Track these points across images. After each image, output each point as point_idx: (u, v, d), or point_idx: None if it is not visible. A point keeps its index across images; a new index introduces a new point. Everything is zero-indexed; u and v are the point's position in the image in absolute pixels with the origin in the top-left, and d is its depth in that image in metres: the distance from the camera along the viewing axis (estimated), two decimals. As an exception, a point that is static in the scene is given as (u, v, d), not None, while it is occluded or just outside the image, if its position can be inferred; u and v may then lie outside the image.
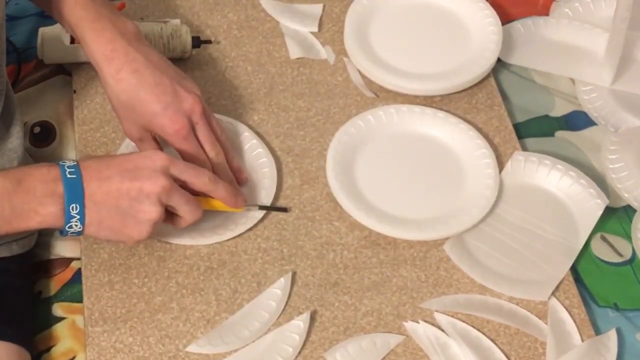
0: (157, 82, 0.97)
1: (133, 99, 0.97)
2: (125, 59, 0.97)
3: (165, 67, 0.99)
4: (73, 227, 0.88)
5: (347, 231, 1.05)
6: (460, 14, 1.26)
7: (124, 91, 0.97)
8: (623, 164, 1.14)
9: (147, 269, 1.00)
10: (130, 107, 0.98)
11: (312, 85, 1.19)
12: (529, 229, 1.07)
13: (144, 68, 0.97)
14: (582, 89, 1.23)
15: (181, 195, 0.92)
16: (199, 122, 0.99)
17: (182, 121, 0.97)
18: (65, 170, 0.87)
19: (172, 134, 0.98)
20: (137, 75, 0.97)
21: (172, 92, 0.98)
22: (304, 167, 1.11)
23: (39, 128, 1.14)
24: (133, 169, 0.89)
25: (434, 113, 1.14)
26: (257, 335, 0.96)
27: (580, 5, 1.31)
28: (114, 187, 0.88)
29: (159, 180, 0.89)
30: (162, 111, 0.97)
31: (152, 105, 0.97)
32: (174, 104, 0.97)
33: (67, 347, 0.98)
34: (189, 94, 0.98)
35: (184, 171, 0.92)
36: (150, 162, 0.90)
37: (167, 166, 0.91)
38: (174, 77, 0.99)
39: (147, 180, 0.89)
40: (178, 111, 0.97)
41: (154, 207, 0.89)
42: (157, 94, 0.97)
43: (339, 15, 1.27)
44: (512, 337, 0.98)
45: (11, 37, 1.23)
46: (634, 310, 1.03)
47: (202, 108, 0.99)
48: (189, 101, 0.98)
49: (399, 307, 1.00)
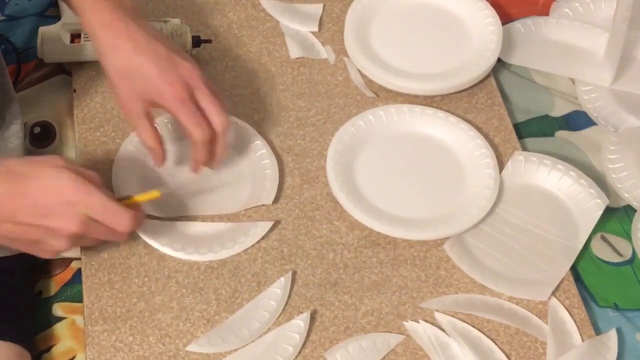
0: (153, 49, 0.96)
1: (130, 65, 0.96)
2: (123, 27, 0.96)
3: (162, 38, 0.99)
4: None
5: (347, 231, 1.05)
6: (460, 14, 1.26)
7: (121, 58, 0.96)
8: (623, 164, 1.14)
9: (147, 269, 1.00)
10: (127, 74, 0.97)
11: (312, 85, 1.19)
12: (529, 229, 1.07)
13: (140, 37, 0.96)
14: (582, 89, 1.23)
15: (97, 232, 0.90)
16: (199, 87, 0.97)
17: (178, 83, 0.96)
18: None
19: (170, 98, 0.96)
20: (133, 43, 0.96)
21: (168, 58, 0.97)
22: (304, 167, 1.11)
23: (38, 128, 1.14)
24: (45, 206, 0.86)
25: (434, 113, 1.14)
26: (257, 334, 0.96)
27: (580, 5, 1.31)
28: (25, 222, 0.86)
29: (71, 225, 0.87)
30: (159, 74, 0.96)
31: (149, 69, 0.96)
32: (170, 68, 0.96)
33: (67, 346, 0.98)
34: (186, 62, 0.98)
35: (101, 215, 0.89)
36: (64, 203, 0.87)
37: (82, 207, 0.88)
38: (171, 47, 0.98)
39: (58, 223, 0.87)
40: (174, 75, 0.96)
41: (61, 244, 0.89)
42: (153, 59, 0.96)
43: (339, 15, 1.27)
44: (512, 337, 0.98)
45: (11, 37, 1.23)
46: (634, 310, 1.03)
47: (200, 74, 0.98)
48: (185, 66, 0.97)
49: (399, 306, 1.00)
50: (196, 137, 0.97)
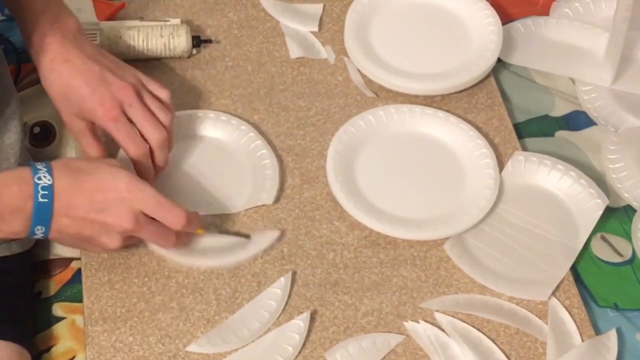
0: (86, 70, 0.99)
1: (64, 86, 0.99)
2: (58, 50, 0.99)
3: (98, 57, 1.01)
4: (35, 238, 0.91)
5: (347, 231, 1.05)
6: (460, 14, 1.26)
7: (56, 80, 0.99)
8: (623, 164, 1.14)
9: (147, 269, 1.00)
10: (63, 95, 1.00)
11: (312, 84, 1.19)
12: (529, 229, 1.07)
13: (74, 58, 0.99)
14: (582, 89, 1.23)
15: (147, 232, 0.93)
16: (132, 103, 0.99)
17: (110, 102, 0.98)
18: (38, 191, 0.87)
19: (102, 116, 0.98)
20: (68, 65, 0.99)
21: (100, 78, 0.99)
22: (304, 167, 1.11)
23: (38, 128, 1.14)
24: (102, 201, 0.90)
25: (434, 113, 1.14)
26: (257, 334, 0.96)
27: (580, 5, 1.31)
28: (79, 216, 0.90)
29: (125, 221, 0.91)
30: (91, 94, 0.98)
31: (81, 90, 0.98)
32: (101, 87, 0.98)
33: (67, 346, 0.98)
34: (118, 79, 0.99)
35: (156, 211, 0.93)
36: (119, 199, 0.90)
37: (138, 204, 0.91)
38: (106, 66, 1.00)
39: (112, 217, 0.90)
40: (106, 93, 0.98)
41: (112, 241, 0.92)
42: (85, 79, 0.98)
43: (339, 15, 1.27)
44: (512, 337, 0.98)
45: (11, 37, 1.23)
46: (634, 310, 1.03)
47: (133, 91, 0.99)
48: (117, 85, 0.99)
49: (399, 306, 1.00)
50: (131, 154, 0.99)
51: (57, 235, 0.91)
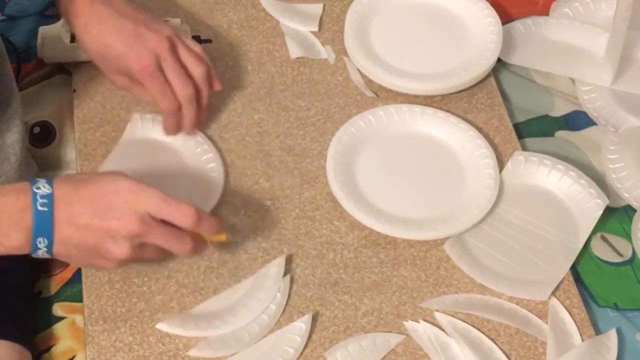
0: (120, 28, 1.02)
1: (101, 47, 1.02)
2: (90, 11, 1.01)
3: (131, 13, 1.03)
4: (40, 254, 0.86)
5: (347, 231, 1.05)
6: (460, 14, 1.26)
7: (92, 41, 1.02)
8: (623, 164, 1.14)
9: (147, 268, 1.00)
10: (102, 55, 1.03)
11: (312, 84, 1.19)
12: (529, 229, 1.07)
13: (107, 17, 1.01)
14: (582, 89, 1.23)
15: (157, 235, 0.88)
16: (167, 58, 1.02)
17: (147, 59, 1.01)
18: (36, 200, 0.84)
19: (139, 72, 1.02)
20: (101, 25, 1.01)
21: (135, 34, 1.02)
22: (304, 167, 1.11)
23: (38, 128, 1.14)
24: (104, 206, 0.86)
25: (434, 113, 1.14)
26: (257, 337, 0.96)
27: (580, 5, 1.31)
28: (82, 224, 0.85)
29: (129, 223, 0.86)
30: (127, 52, 1.01)
31: (117, 49, 1.02)
32: (137, 44, 1.01)
33: (67, 346, 0.98)
34: (154, 34, 1.02)
35: (161, 211, 0.88)
36: (122, 201, 0.86)
37: (142, 206, 0.87)
38: (140, 21, 1.03)
39: (116, 221, 0.86)
40: (142, 50, 1.01)
41: (121, 249, 0.86)
42: (120, 38, 1.02)
43: (339, 15, 1.27)
44: (512, 337, 0.98)
45: (11, 37, 1.23)
46: (634, 310, 1.03)
47: (168, 44, 1.03)
48: (153, 40, 1.02)
49: (399, 306, 1.00)
50: (162, 106, 1.04)
51: (62, 248, 0.86)
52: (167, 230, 0.88)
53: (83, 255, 0.87)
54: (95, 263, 0.89)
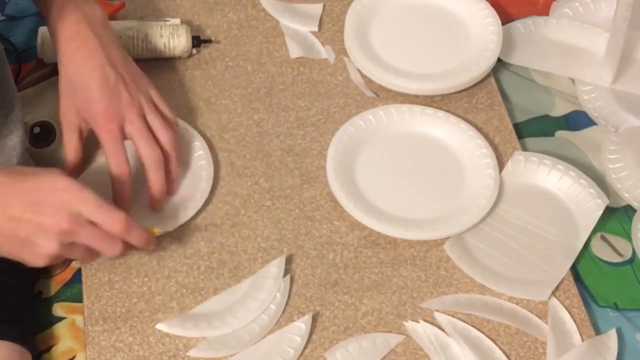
0: (104, 74, 0.99)
1: (78, 81, 0.99)
2: (84, 42, 0.99)
3: (118, 62, 1.01)
4: None
5: (347, 231, 1.05)
6: (460, 14, 1.26)
7: (73, 72, 0.99)
8: (623, 164, 1.14)
9: (147, 269, 1.00)
10: (75, 86, 1.00)
11: (312, 84, 1.19)
12: (529, 229, 1.07)
13: (98, 56, 0.99)
14: (582, 89, 1.23)
15: (88, 235, 0.88)
16: (134, 121, 0.99)
17: (112, 115, 0.98)
18: None
19: (99, 123, 0.98)
20: (89, 62, 0.99)
21: (113, 88, 0.99)
22: (304, 167, 1.11)
23: (38, 128, 1.14)
24: (38, 200, 0.86)
25: (434, 113, 1.14)
26: (257, 338, 0.96)
27: (580, 5, 1.31)
28: (15, 215, 0.85)
29: (61, 220, 0.86)
30: (99, 100, 0.98)
31: (92, 92, 0.99)
32: (112, 96, 0.99)
33: (67, 346, 0.98)
34: (128, 94, 1.00)
35: (94, 213, 0.88)
36: (57, 197, 0.86)
37: (75, 205, 0.87)
38: (121, 75, 1.00)
39: (48, 217, 0.86)
40: (112, 104, 0.99)
41: (51, 244, 0.86)
42: (100, 84, 0.99)
43: (339, 15, 1.27)
44: (512, 337, 0.98)
45: (11, 37, 1.23)
46: (634, 310, 1.03)
47: (138, 110, 1.00)
48: (126, 99, 0.99)
49: (399, 306, 1.00)
50: (112, 168, 0.99)
51: None
52: (97, 232, 0.89)
53: (11, 246, 0.88)
54: (23, 256, 0.89)
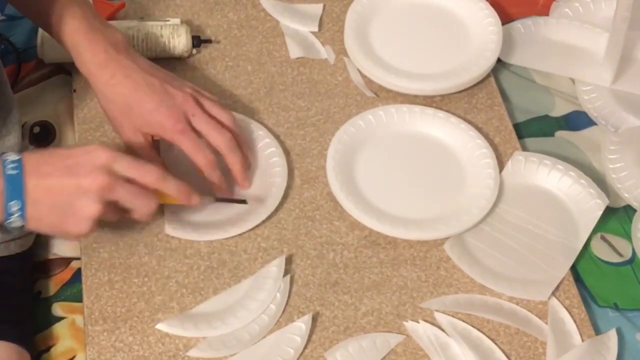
0: (148, 84, 1.00)
1: (128, 101, 1.00)
2: (117, 65, 1.00)
3: (154, 71, 1.03)
4: (13, 222, 0.87)
5: (347, 231, 1.05)
6: (460, 14, 1.26)
7: (119, 95, 1.00)
8: (623, 164, 1.14)
9: (147, 269, 1.00)
10: (126, 109, 1.01)
11: (312, 85, 1.19)
12: (529, 229, 1.07)
13: (135, 73, 1.01)
14: (582, 89, 1.23)
15: (125, 191, 0.90)
16: (195, 113, 1.01)
17: (176, 115, 1.00)
18: (6, 165, 0.86)
19: (170, 130, 1.00)
20: (129, 80, 1.00)
21: (163, 91, 1.01)
22: (304, 167, 1.11)
23: (38, 128, 1.14)
24: (73, 165, 0.88)
25: (434, 113, 1.14)
26: (257, 338, 0.96)
27: (580, 5, 1.31)
28: (53, 183, 0.87)
29: (98, 177, 0.87)
30: (156, 108, 1.00)
31: (146, 105, 1.00)
32: (166, 100, 1.00)
33: (67, 346, 0.98)
34: (179, 91, 1.01)
35: (129, 168, 0.90)
36: (90, 158, 0.88)
37: (109, 162, 0.89)
38: (163, 79, 1.02)
39: (86, 177, 0.87)
40: (171, 107, 1.00)
41: (93, 204, 0.87)
42: (149, 93, 1.00)
43: (339, 15, 1.27)
44: (512, 337, 0.98)
45: (11, 37, 1.23)
46: (634, 310, 1.03)
47: (194, 101, 1.02)
48: (179, 97, 1.01)
49: (399, 306, 1.00)
50: (200, 164, 1.01)
51: (35, 210, 0.87)
52: (133, 187, 0.90)
53: (55, 216, 0.88)
54: (66, 225, 0.89)
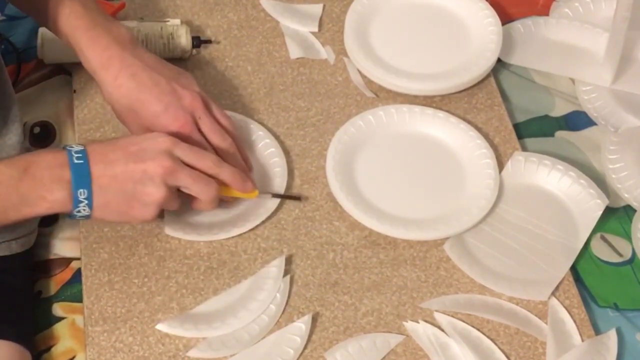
0: (154, 83, 0.99)
1: (134, 102, 0.99)
2: (121, 64, 0.98)
3: (160, 68, 1.01)
4: (81, 211, 0.90)
5: (347, 231, 1.05)
6: (460, 14, 1.26)
7: (124, 96, 0.99)
8: (623, 164, 1.14)
9: (147, 269, 1.00)
10: (132, 110, 0.99)
11: (312, 85, 1.19)
12: (529, 229, 1.07)
13: (140, 71, 0.99)
14: (582, 89, 1.23)
15: (188, 174, 0.93)
16: (202, 115, 1.01)
17: (184, 118, 0.99)
18: (72, 155, 0.89)
19: (176, 132, 0.99)
20: (135, 79, 0.99)
21: (171, 92, 0.99)
22: (304, 167, 1.11)
23: (38, 128, 1.14)
24: (137, 151, 0.91)
25: (434, 113, 1.14)
26: (257, 338, 0.96)
27: (580, 5, 1.31)
28: (119, 170, 0.90)
29: (162, 162, 0.91)
30: (164, 111, 0.99)
31: (153, 106, 0.99)
32: (173, 102, 0.99)
33: (67, 346, 0.98)
34: (187, 91, 1.00)
35: (187, 153, 0.94)
36: (154, 144, 0.92)
37: (171, 148, 0.92)
38: (171, 77, 1.01)
39: (151, 162, 0.91)
40: (179, 109, 0.99)
41: (158, 189, 0.91)
42: (156, 94, 0.99)
43: (339, 15, 1.27)
44: (512, 337, 0.98)
45: (11, 37, 1.23)
46: (634, 310, 1.03)
47: (202, 102, 1.01)
48: (188, 98, 1.00)
49: (399, 307, 1.00)
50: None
51: (102, 198, 0.89)
52: (194, 172, 0.94)
53: (122, 203, 0.91)
54: (132, 212, 0.92)
